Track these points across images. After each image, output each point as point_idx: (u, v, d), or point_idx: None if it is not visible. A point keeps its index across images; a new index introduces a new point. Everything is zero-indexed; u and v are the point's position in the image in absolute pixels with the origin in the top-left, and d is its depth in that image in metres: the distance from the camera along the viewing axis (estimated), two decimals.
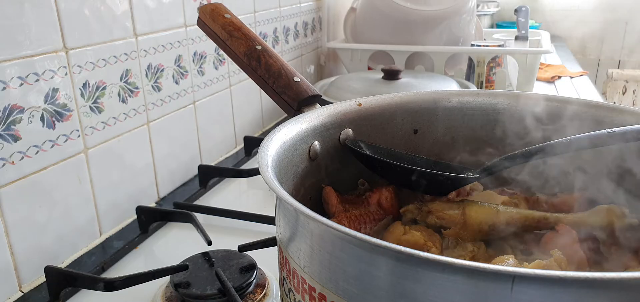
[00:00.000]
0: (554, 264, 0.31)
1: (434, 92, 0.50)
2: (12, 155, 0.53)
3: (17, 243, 0.54)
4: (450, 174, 0.43)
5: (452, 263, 0.22)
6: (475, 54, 1.16)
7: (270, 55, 0.47)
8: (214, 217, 0.68)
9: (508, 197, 0.44)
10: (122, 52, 0.67)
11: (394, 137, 0.49)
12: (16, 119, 0.53)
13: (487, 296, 0.23)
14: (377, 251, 0.25)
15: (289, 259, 0.32)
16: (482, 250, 0.38)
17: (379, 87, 0.95)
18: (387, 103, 0.48)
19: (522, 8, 1.46)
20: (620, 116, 0.42)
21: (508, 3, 2.54)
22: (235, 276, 0.51)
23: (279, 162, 0.37)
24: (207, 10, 0.51)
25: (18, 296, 0.54)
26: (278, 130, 0.39)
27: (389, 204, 0.43)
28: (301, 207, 0.27)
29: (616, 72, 2.16)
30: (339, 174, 0.45)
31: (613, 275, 0.20)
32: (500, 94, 0.49)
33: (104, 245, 0.64)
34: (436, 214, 0.40)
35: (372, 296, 0.26)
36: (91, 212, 0.64)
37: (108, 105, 0.65)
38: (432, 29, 1.18)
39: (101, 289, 0.50)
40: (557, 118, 0.45)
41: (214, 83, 0.89)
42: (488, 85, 1.17)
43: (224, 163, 0.90)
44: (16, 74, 0.53)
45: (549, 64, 1.61)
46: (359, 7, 1.29)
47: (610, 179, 0.40)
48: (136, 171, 0.71)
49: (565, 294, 0.22)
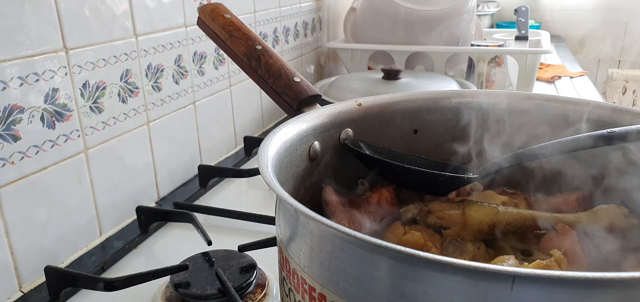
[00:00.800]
0: (554, 264, 0.31)
1: (434, 92, 0.50)
2: (12, 155, 0.53)
3: (17, 243, 0.54)
4: (450, 174, 0.43)
5: (452, 263, 0.22)
6: (475, 54, 1.16)
7: (270, 55, 0.47)
8: (214, 217, 0.68)
9: (508, 197, 0.44)
10: (122, 52, 0.67)
11: (394, 137, 0.49)
12: (16, 119, 0.53)
13: (487, 296, 0.23)
14: (377, 251, 0.25)
15: (289, 259, 0.32)
16: (482, 250, 0.38)
17: (379, 87, 0.95)
18: (387, 103, 0.48)
19: (522, 8, 1.46)
20: (621, 116, 0.42)
21: (508, 3, 2.54)
22: (235, 276, 0.51)
23: (279, 162, 0.37)
24: (207, 10, 0.51)
25: (18, 296, 0.54)
26: (278, 130, 0.39)
27: (389, 204, 0.43)
28: (301, 207, 0.27)
29: (616, 72, 2.16)
30: (339, 174, 0.45)
31: (613, 275, 0.20)
32: (500, 94, 0.49)
33: (104, 245, 0.64)
34: (436, 214, 0.40)
35: (372, 296, 0.26)
36: (91, 212, 0.64)
37: (108, 105, 0.65)
38: (432, 29, 1.18)
39: (101, 289, 0.50)
40: (557, 118, 0.45)
41: (214, 83, 0.89)
42: (488, 85, 1.17)
43: (224, 163, 0.90)
44: (16, 74, 0.53)
45: (549, 64, 1.61)
46: (359, 7, 1.29)
47: (611, 179, 0.40)
48: (136, 171, 0.71)
49: (565, 294, 0.22)
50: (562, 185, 0.44)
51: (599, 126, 0.41)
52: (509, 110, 0.48)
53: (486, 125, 0.49)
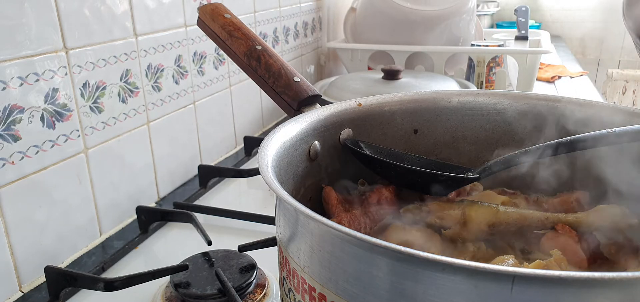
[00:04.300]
0: (554, 264, 0.31)
1: (434, 92, 0.50)
2: (12, 155, 0.53)
3: (17, 243, 0.54)
4: (450, 174, 0.43)
5: (452, 263, 0.22)
6: (475, 54, 1.16)
7: (270, 55, 0.47)
8: (214, 217, 0.68)
9: (508, 197, 0.44)
10: (122, 52, 0.67)
11: (394, 137, 0.49)
12: (16, 119, 0.53)
13: (487, 296, 0.23)
14: (377, 251, 0.25)
15: (289, 259, 0.32)
16: (482, 250, 0.38)
17: (379, 87, 0.95)
18: (387, 103, 0.48)
19: (522, 8, 1.46)
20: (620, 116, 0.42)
21: (508, 3, 2.54)
22: (235, 276, 0.51)
23: (279, 162, 0.37)
24: (207, 10, 0.51)
25: (18, 296, 0.54)
26: (278, 130, 0.39)
27: (389, 204, 0.43)
28: (301, 207, 0.27)
29: (616, 72, 2.16)
30: (339, 174, 0.45)
31: (613, 275, 0.20)
32: (500, 94, 0.49)
33: (104, 245, 0.64)
34: (436, 214, 0.40)
35: (372, 296, 0.26)
36: (91, 212, 0.64)
37: (108, 106, 0.65)
38: (432, 29, 1.18)
39: (101, 289, 0.50)
40: (557, 118, 0.45)
41: (214, 83, 0.89)
42: (488, 85, 1.17)
43: (224, 163, 0.90)
44: (16, 74, 0.53)
45: (549, 64, 1.61)
46: (359, 7, 1.29)
47: (610, 178, 0.40)
48: (136, 171, 0.71)
49: (565, 294, 0.22)
50: (562, 185, 0.44)
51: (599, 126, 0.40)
52: (509, 111, 0.48)
53: (486, 126, 0.49)
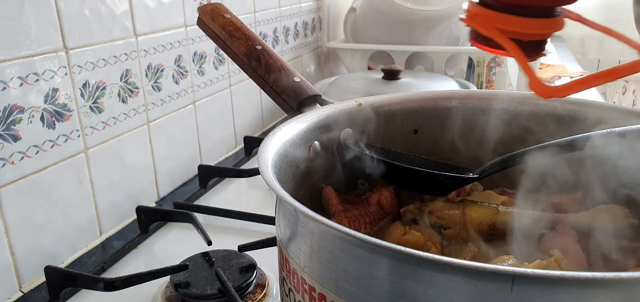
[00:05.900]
0: (554, 264, 0.31)
1: (434, 92, 0.50)
2: (12, 155, 0.53)
3: (17, 243, 0.54)
4: (450, 174, 0.43)
5: (452, 263, 0.22)
6: (475, 54, 1.16)
7: (270, 55, 0.47)
8: (214, 217, 0.68)
9: (508, 197, 0.44)
10: (122, 52, 0.67)
11: (394, 137, 0.49)
12: (16, 119, 0.53)
13: (487, 296, 0.23)
14: (377, 251, 0.25)
15: (289, 259, 0.32)
16: (482, 250, 0.38)
17: (379, 87, 0.95)
18: (387, 103, 0.48)
19: None
20: (621, 116, 0.42)
21: None
22: (235, 276, 0.51)
23: (279, 162, 0.37)
24: (207, 10, 0.51)
25: (18, 296, 0.54)
26: (278, 130, 0.39)
27: (389, 204, 0.43)
28: (301, 207, 0.27)
29: None
30: (339, 174, 0.45)
31: (613, 275, 0.20)
32: (500, 94, 0.49)
33: (104, 245, 0.64)
34: (436, 214, 0.40)
35: (372, 296, 0.26)
36: (91, 212, 0.64)
37: (108, 106, 0.65)
38: (432, 29, 1.18)
39: (101, 289, 0.50)
40: (557, 118, 0.45)
41: (214, 83, 0.89)
42: (488, 85, 1.17)
43: (224, 163, 0.90)
44: (16, 74, 0.53)
45: (549, 64, 1.61)
46: (359, 7, 1.28)
47: (611, 179, 0.40)
48: (136, 171, 0.71)
49: (565, 294, 0.22)
50: (562, 185, 0.44)
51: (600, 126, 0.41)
52: (509, 111, 0.48)
53: (486, 126, 0.49)
